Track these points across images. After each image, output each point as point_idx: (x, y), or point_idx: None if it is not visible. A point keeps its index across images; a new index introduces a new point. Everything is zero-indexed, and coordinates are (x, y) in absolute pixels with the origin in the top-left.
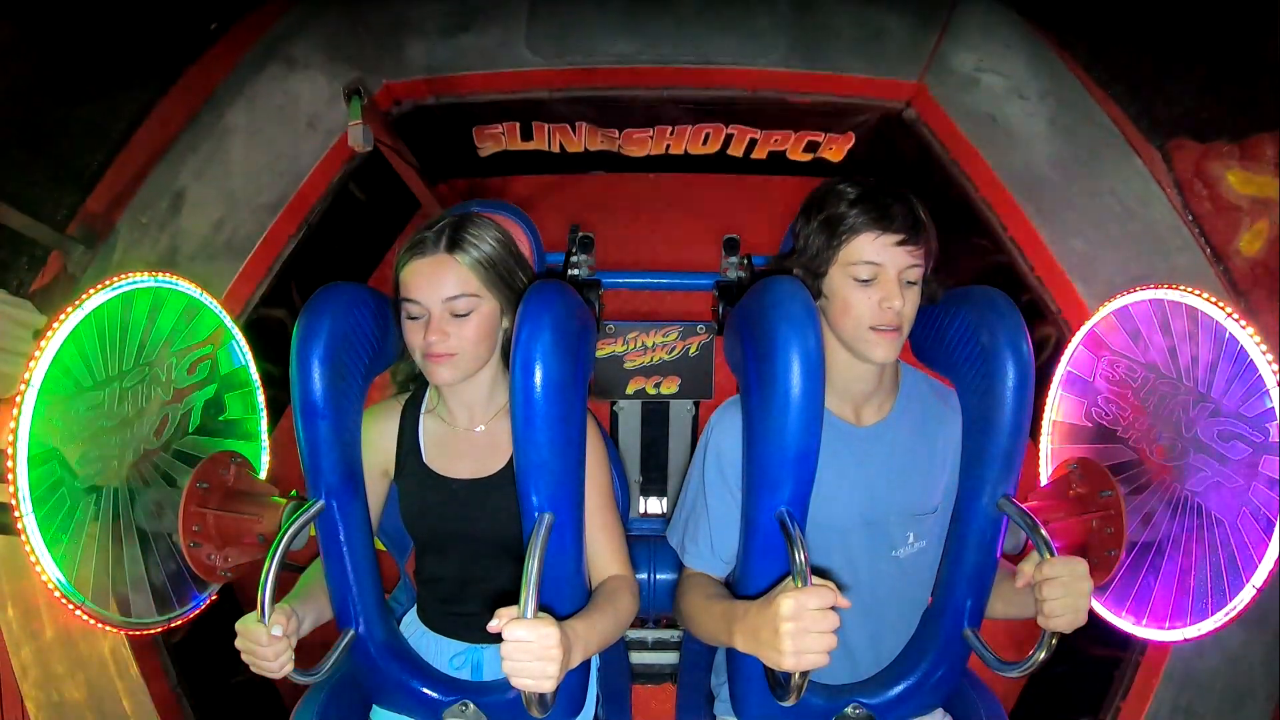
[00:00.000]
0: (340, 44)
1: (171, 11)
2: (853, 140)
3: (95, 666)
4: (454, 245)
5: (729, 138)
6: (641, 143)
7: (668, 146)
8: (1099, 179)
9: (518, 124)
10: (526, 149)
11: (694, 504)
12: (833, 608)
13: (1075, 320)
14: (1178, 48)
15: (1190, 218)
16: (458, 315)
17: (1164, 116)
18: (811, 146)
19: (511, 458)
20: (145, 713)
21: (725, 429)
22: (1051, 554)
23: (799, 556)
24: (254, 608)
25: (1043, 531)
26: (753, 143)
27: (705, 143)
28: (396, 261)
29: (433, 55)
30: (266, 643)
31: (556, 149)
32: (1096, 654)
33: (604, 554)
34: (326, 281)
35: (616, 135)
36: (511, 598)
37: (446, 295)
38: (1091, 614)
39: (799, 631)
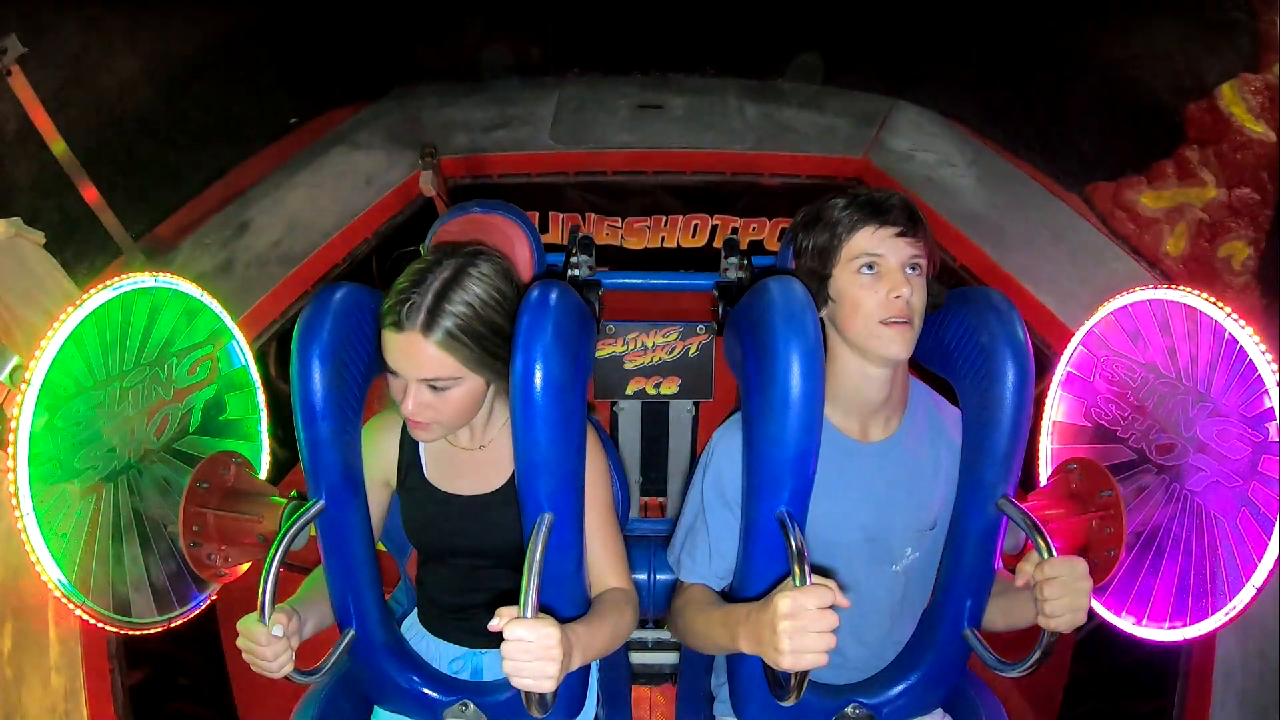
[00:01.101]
0: (399, 135)
1: (260, 101)
2: None
3: (31, 616)
4: (431, 325)
5: (714, 229)
6: (640, 233)
7: (663, 239)
8: (1028, 215)
9: (537, 214)
10: (542, 242)
11: (693, 522)
12: (832, 608)
13: (1030, 315)
14: (1076, 115)
15: (1118, 239)
16: (436, 389)
17: (1076, 168)
18: (784, 235)
19: (513, 475)
20: (71, 662)
21: (726, 451)
22: (1051, 554)
23: (799, 557)
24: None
25: (1043, 531)
26: (735, 233)
27: (694, 234)
28: (381, 310)
29: (473, 144)
30: (266, 642)
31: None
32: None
33: (604, 566)
34: None
35: (620, 225)
36: (512, 602)
37: (422, 376)
38: (1094, 621)
39: (797, 630)
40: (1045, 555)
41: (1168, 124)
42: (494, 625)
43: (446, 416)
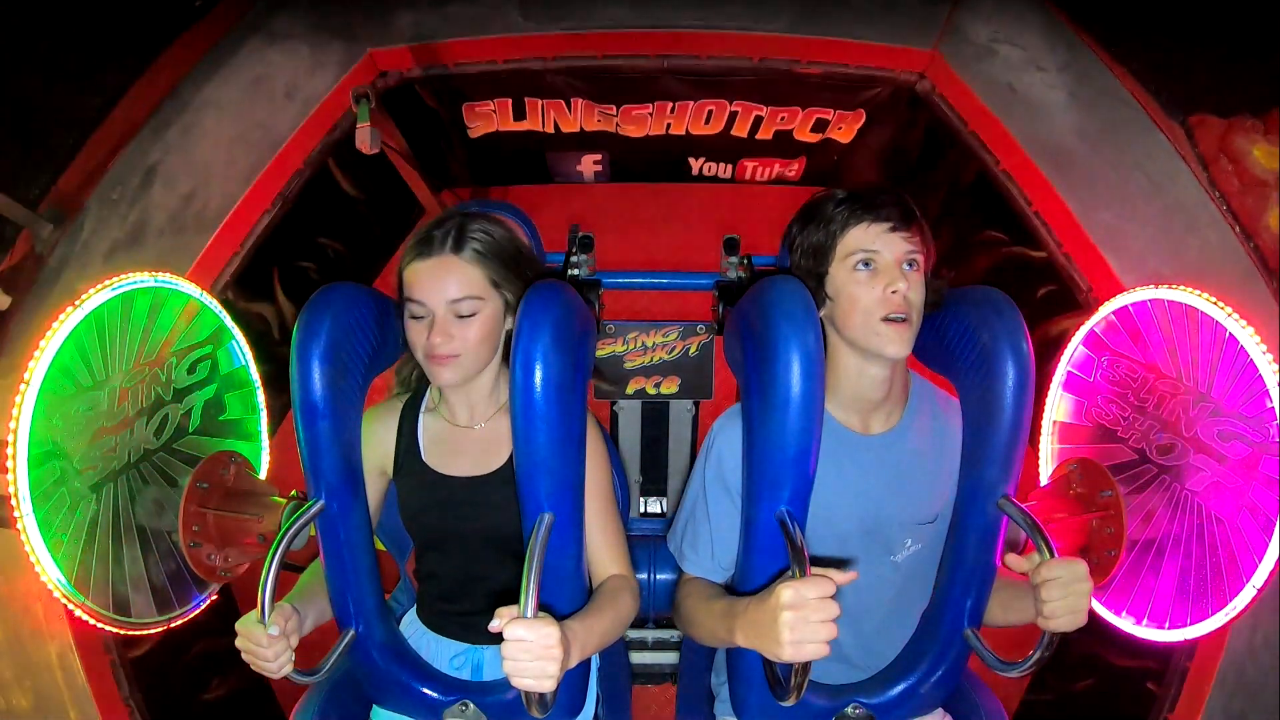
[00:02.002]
0: (324, 16)
1: None
2: (863, 118)
3: (44, 673)
4: (459, 246)
5: (733, 115)
6: (640, 120)
7: (668, 126)
8: (1123, 152)
9: (510, 100)
10: (519, 129)
11: (694, 511)
12: (833, 597)
13: (1106, 297)
14: (1195, 22)
15: (1217, 194)
16: (461, 317)
17: (1184, 92)
18: (820, 125)
19: (511, 455)
20: None
21: (727, 438)
22: (1052, 554)
23: (799, 556)
24: (245, 612)
25: (1043, 532)
26: (758, 121)
27: (708, 121)
28: (401, 260)
29: (421, 25)
30: (266, 643)
31: (551, 128)
32: (1125, 666)
33: (604, 555)
34: (309, 272)
35: (614, 112)
36: (511, 597)
37: (451, 297)
38: (1094, 616)
39: (798, 621)
40: (1046, 556)
41: None
42: (494, 625)
43: (470, 346)
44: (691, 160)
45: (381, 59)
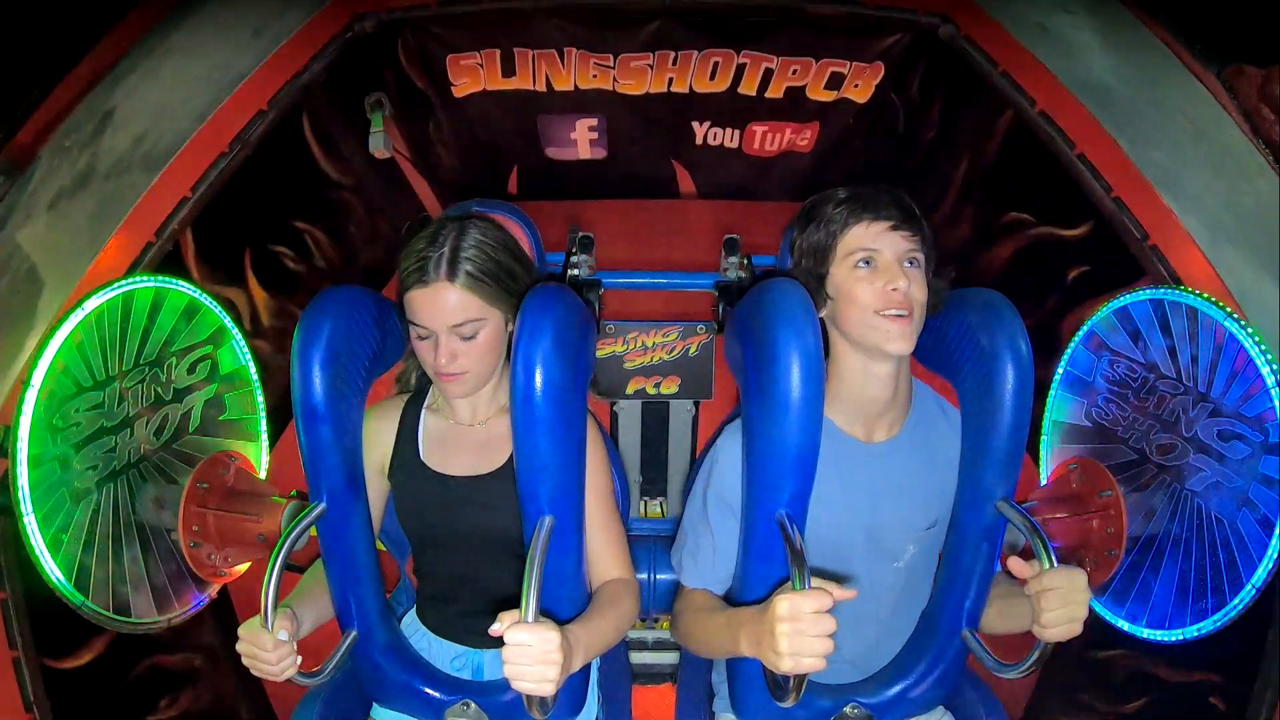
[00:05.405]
0: None
1: None
2: (881, 72)
3: None
4: (453, 272)
5: (740, 68)
6: (640, 74)
7: (670, 81)
8: (1165, 96)
9: (498, 51)
10: (508, 88)
11: (695, 525)
12: (831, 611)
13: (1166, 244)
14: None
15: (1263, 146)
16: (465, 339)
17: (1218, 43)
18: (835, 81)
19: (511, 455)
20: None
21: (728, 453)
22: (1050, 558)
23: (798, 559)
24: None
25: (1043, 536)
26: (768, 75)
27: (714, 76)
28: (399, 276)
29: None
30: (271, 647)
31: (543, 86)
32: (1178, 682)
33: (605, 557)
34: (283, 259)
35: (611, 63)
36: (510, 598)
37: (451, 323)
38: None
39: (795, 633)
40: (1045, 560)
41: None
42: (495, 629)
43: (477, 363)
44: (696, 125)
45: (358, 1)
